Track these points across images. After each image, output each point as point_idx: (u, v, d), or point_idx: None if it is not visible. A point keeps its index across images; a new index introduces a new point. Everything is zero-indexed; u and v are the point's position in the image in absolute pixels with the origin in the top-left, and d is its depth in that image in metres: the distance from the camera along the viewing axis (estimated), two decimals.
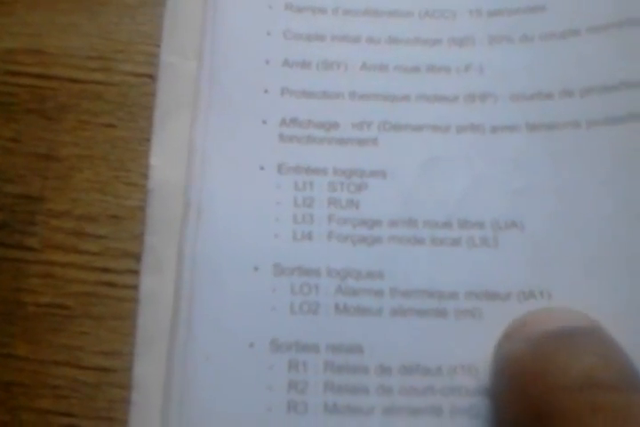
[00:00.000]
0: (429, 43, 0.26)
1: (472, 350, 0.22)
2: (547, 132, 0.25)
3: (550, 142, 0.25)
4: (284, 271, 0.23)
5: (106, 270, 0.24)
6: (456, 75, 0.26)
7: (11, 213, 0.25)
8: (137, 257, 0.24)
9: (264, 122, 0.25)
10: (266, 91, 0.26)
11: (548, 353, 0.20)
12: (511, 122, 0.25)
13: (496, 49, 0.26)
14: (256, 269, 0.23)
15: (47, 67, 0.27)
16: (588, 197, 0.24)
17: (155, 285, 0.24)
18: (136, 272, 0.24)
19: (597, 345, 0.20)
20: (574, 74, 0.26)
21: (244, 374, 0.22)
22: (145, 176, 0.25)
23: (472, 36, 0.26)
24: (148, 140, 0.26)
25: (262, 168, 0.25)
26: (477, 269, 0.23)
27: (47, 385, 0.23)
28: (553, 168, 0.25)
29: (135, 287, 0.24)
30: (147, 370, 0.23)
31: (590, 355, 0.19)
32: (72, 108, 0.27)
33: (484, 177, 0.25)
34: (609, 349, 0.20)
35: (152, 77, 0.27)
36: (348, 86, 0.26)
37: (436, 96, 0.26)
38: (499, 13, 0.27)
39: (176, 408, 0.22)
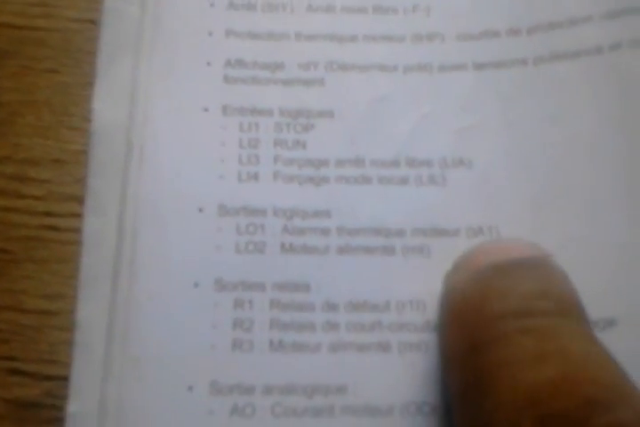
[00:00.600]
0: None
1: (420, 286, 0.22)
2: (494, 71, 0.25)
3: (498, 81, 0.25)
4: (229, 212, 0.23)
5: (49, 214, 0.24)
6: (403, 15, 0.26)
7: None
8: (80, 200, 0.24)
9: (208, 64, 0.25)
10: (210, 33, 0.25)
11: (489, 283, 0.20)
12: (458, 61, 0.25)
13: None
14: (201, 210, 0.23)
15: None
16: (536, 134, 0.24)
17: (97, 227, 0.23)
18: (79, 215, 0.23)
19: (541, 274, 0.20)
20: (521, 11, 0.25)
21: (188, 314, 0.22)
22: (88, 120, 0.25)
23: None
24: (92, 84, 0.25)
25: (206, 109, 0.24)
26: (425, 206, 0.23)
27: None
28: (500, 106, 0.24)
29: (78, 231, 0.23)
30: (90, 312, 0.22)
31: (530, 283, 0.19)
32: (13, 54, 0.26)
33: (432, 116, 0.24)
34: (553, 278, 0.20)
35: (95, 23, 0.26)
36: (293, 27, 0.26)
37: (383, 36, 0.25)
38: None
39: (119, 349, 0.22)
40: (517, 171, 0.24)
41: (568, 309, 0.19)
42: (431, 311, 0.22)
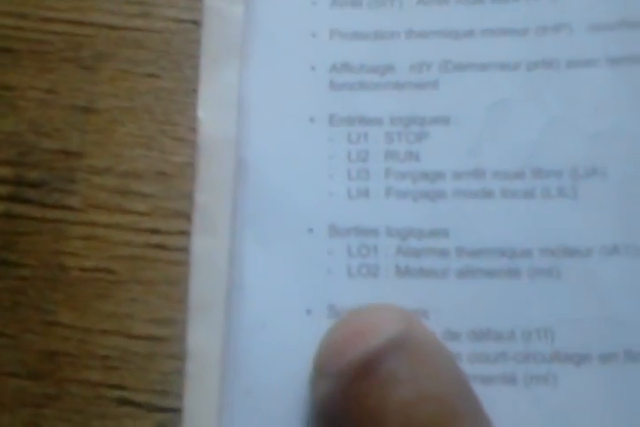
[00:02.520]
0: None
1: (548, 313, 0.21)
2: (631, 67, 0.22)
3: (635, 78, 0.22)
4: (339, 232, 0.22)
5: (154, 231, 0.23)
6: (525, 4, 0.23)
7: (49, 169, 0.24)
8: (187, 217, 0.23)
9: (313, 68, 0.23)
10: (313, 34, 0.24)
11: (358, 398, 0.18)
12: (590, 55, 0.23)
13: None
14: (310, 230, 0.22)
15: (82, 12, 0.25)
16: None
17: (207, 247, 0.22)
18: (187, 233, 0.22)
19: (408, 368, 0.18)
20: None
21: (302, 343, 0.21)
22: (192, 130, 0.23)
23: None
24: (195, 90, 0.24)
25: (312, 120, 0.23)
26: (554, 222, 0.21)
27: (95, 355, 0.22)
28: (638, 107, 0.22)
29: (186, 250, 0.22)
30: (201, 338, 0.21)
31: (401, 391, 0.17)
32: (110, 56, 0.25)
33: (560, 119, 0.22)
34: (423, 366, 0.18)
35: (196, 23, 0.25)
36: (403, 24, 0.23)
37: (503, 30, 0.23)
38: None
39: (232, 378, 0.21)
40: None
41: (452, 408, 0.17)
42: (560, 340, 0.21)
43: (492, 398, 0.20)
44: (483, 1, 0.23)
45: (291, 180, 0.22)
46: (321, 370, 0.19)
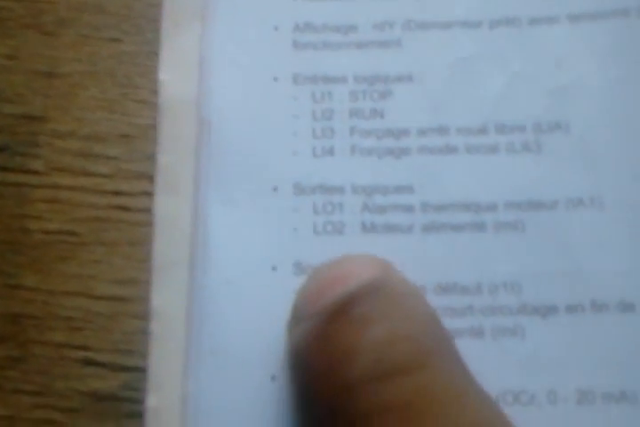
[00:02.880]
0: None
1: (515, 266, 0.21)
2: (591, 23, 0.22)
3: (595, 34, 0.22)
4: (304, 190, 0.22)
5: (117, 193, 0.23)
6: None
7: (11, 134, 0.23)
8: (150, 178, 0.22)
9: (276, 28, 0.23)
10: None
11: (331, 339, 0.18)
12: (551, 13, 0.23)
13: None
14: (275, 189, 0.22)
15: None
16: None
17: (170, 207, 0.22)
18: (150, 194, 0.22)
19: (384, 309, 0.18)
20: None
21: (267, 300, 0.21)
22: (155, 92, 0.23)
23: None
24: (157, 54, 0.24)
25: (276, 79, 0.23)
26: (518, 176, 0.21)
27: (59, 317, 0.22)
28: (599, 62, 0.22)
29: (149, 210, 0.22)
30: (165, 298, 0.21)
31: (374, 330, 0.17)
32: (72, 22, 0.25)
33: (523, 75, 0.22)
34: (399, 309, 0.18)
35: None
36: None
37: None
38: None
39: (196, 337, 0.21)
40: (621, 134, 0.21)
41: (427, 350, 0.17)
42: (528, 293, 0.21)
43: (460, 352, 0.20)
44: None
45: (255, 139, 0.22)
46: (296, 315, 0.19)
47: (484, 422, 0.17)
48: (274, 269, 0.21)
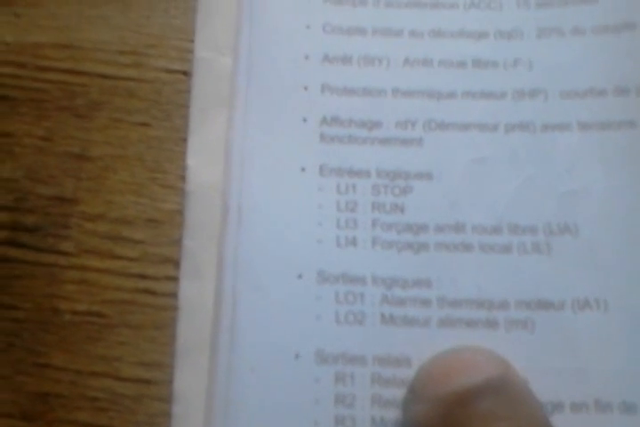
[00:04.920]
0: (475, 36, 0.25)
1: (523, 363, 0.21)
2: (600, 132, 0.24)
3: (604, 142, 0.24)
4: (328, 279, 0.23)
5: (143, 277, 0.24)
6: (504, 70, 0.25)
7: (44, 215, 0.24)
8: (176, 263, 0.23)
9: (304, 120, 0.24)
10: (306, 88, 0.25)
11: (457, 423, 0.19)
12: (562, 120, 0.24)
13: (545, 42, 0.25)
14: (300, 276, 0.23)
15: (77, 62, 0.26)
16: None
17: (195, 292, 0.23)
18: (175, 279, 0.23)
19: (508, 405, 0.19)
20: (629, 70, 0.24)
21: (289, 388, 0.22)
22: (182, 178, 0.24)
23: (520, 29, 0.25)
24: (185, 139, 0.25)
25: (303, 169, 0.24)
26: (529, 276, 0.23)
27: (85, 397, 0.22)
28: (607, 169, 0.23)
29: (174, 295, 0.23)
30: (188, 382, 0.22)
31: (501, 423, 0.19)
32: (104, 105, 0.26)
33: (535, 178, 0.24)
34: (520, 405, 0.19)
35: (186, 74, 0.26)
36: (390, 83, 0.25)
37: (483, 93, 0.25)
38: (548, 4, 0.25)
39: (219, 422, 0.21)
40: (627, 240, 0.23)
41: None
42: (535, 389, 0.21)
43: None
44: (464, 64, 0.25)
45: (281, 226, 0.23)
46: (421, 393, 0.20)
47: None
48: (297, 357, 0.22)
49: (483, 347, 0.21)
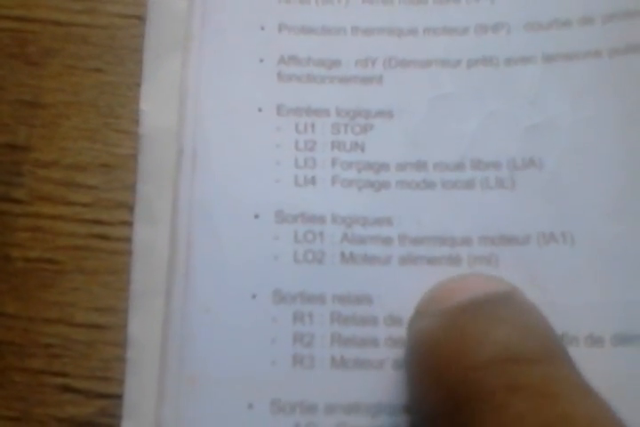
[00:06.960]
0: None
1: None
2: (565, 63, 0.23)
3: (569, 74, 0.23)
4: (286, 218, 0.22)
5: (98, 222, 0.23)
6: (466, 5, 0.24)
7: None
8: (130, 208, 0.23)
9: (261, 60, 0.24)
10: (262, 27, 0.24)
11: (461, 328, 0.18)
12: (526, 53, 0.23)
13: None
14: (257, 216, 0.22)
15: (29, 9, 0.25)
16: (611, 132, 0.22)
17: (149, 236, 0.22)
18: (129, 224, 0.23)
19: (514, 313, 0.18)
20: None
21: (246, 327, 0.21)
22: (136, 122, 0.24)
23: None
24: (138, 84, 0.24)
25: (260, 110, 0.23)
26: (493, 212, 0.22)
27: (39, 344, 0.22)
28: (572, 101, 0.23)
29: (129, 240, 0.22)
30: (142, 326, 0.21)
31: (506, 325, 0.18)
32: (56, 52, 0.25)
33: (498, 114, 0.23)
34: (526, 316, 0.18)
35: (140, 18, 0.25)
36: (349, 21, 0.24)
37: (445, 28, 0.24)
38: None
39: (175, 365, 0.21)
40: (593, 172, 0.22)
41: (552, 349, 0.18)
42: None
43: None
44: (425, 1, 0.24)
45: (237, 167, 0.23)
46: (424, 311, 0.19)
47: (602, 409, 0.17)
48: (253, 296, 0.21)
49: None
